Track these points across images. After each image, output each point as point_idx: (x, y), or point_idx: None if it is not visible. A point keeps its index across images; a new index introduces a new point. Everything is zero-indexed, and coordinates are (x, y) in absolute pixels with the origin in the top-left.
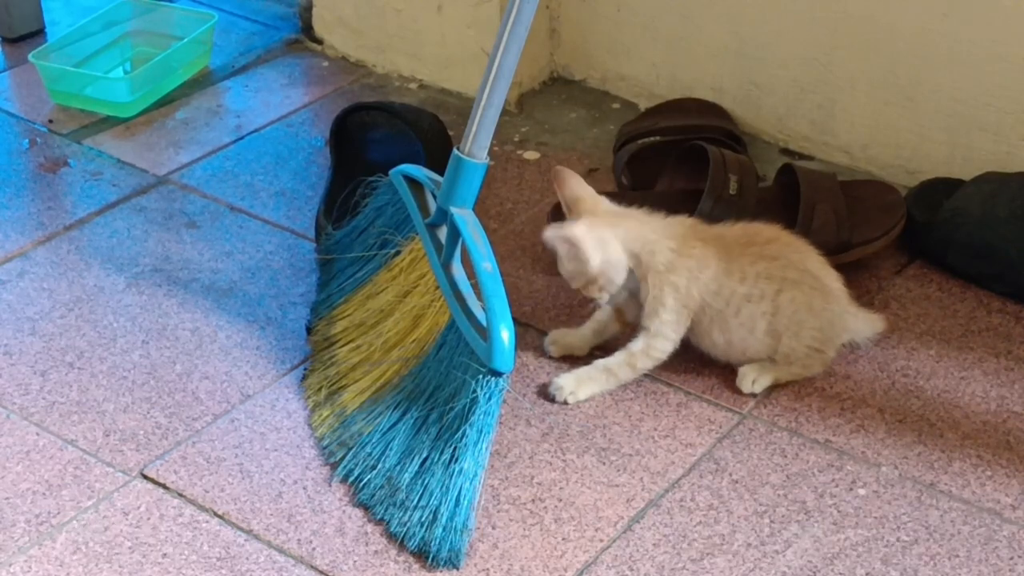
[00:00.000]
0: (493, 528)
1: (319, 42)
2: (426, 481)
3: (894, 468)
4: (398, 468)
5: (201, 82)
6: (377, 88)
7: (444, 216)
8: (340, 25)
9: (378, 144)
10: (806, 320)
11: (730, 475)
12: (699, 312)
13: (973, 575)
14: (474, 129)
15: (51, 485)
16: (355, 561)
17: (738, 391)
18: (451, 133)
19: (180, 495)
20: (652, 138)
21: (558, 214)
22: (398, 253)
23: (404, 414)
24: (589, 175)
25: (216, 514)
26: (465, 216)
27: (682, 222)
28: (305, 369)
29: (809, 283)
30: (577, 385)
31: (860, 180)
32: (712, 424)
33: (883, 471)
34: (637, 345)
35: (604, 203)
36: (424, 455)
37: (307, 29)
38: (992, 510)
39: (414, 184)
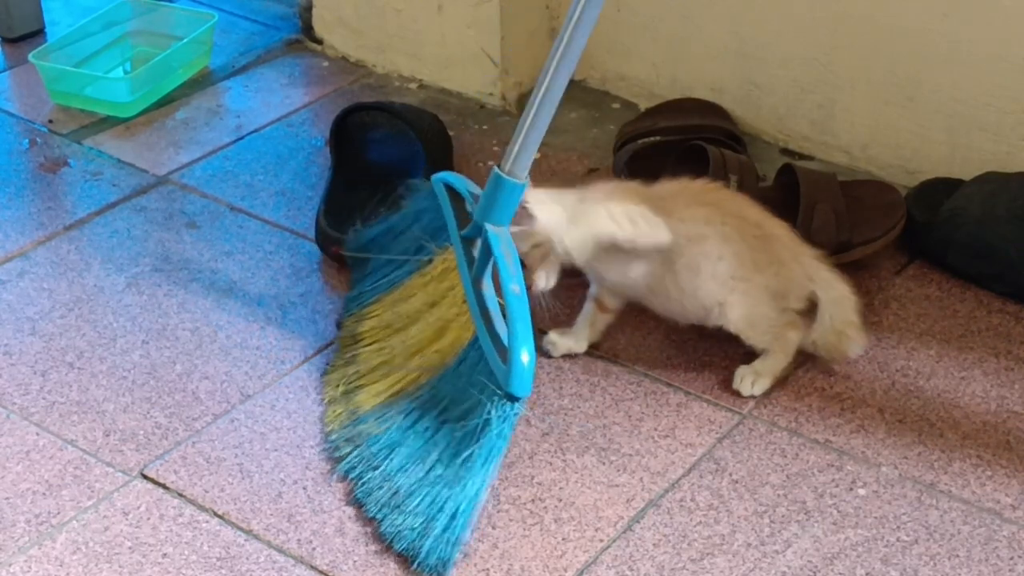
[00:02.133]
0: (493, 528)
1: (319, 42)
2: (426, 491)
3: (894, 468)
4: (400, 473)
5: (201, 82)
6: (377, 88)
7: (479, 231)
8: (340, 25)
9: (378, 144)
10: (753, 277)
11: (730, 475)
12: (650, 270)
13: (973, 575)
14: (516, 148)
15: (51, 485)
16: (355, 561)
17: (738, 391)
18: (451, 133)
19: (180, 495)
20: (652, 138)
21: None
22: (431, 261)
23: (416, 422)
24: (589, 175)
25: (216, 514)
26: (500, 234)
27: (608, 183)
28: (327, 364)
29: (752, 233)
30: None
31: (860, 180)
32: (712, 424)
33: (883, 471)
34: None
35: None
36: (429, 465)
37: (307, 29)
38: (992, 510)
39: (454, 193)
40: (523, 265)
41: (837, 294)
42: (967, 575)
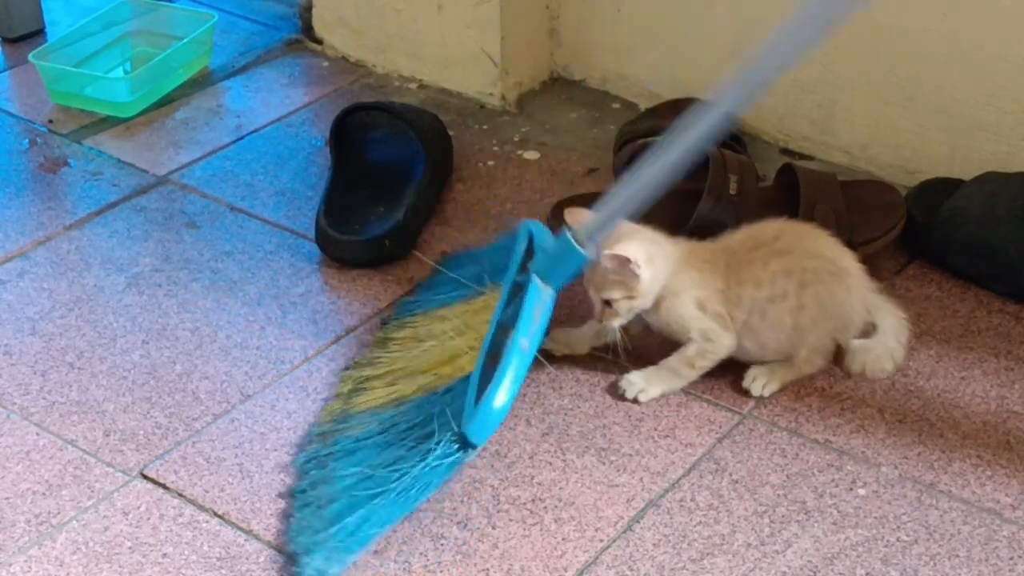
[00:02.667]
0: (493, 528)
1: (319, 42)
2: (346, 502)
3: (894, 468)
4: (339, 478)
5: (201, 82)
6: (377, 88)
7: (529, 280)
8: (340, 25)
9: (378, 144)
10: (831, 310)
11: (730, 475)
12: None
13: (973, 575)
14: (600, 219)
15: (51, 485)
16: (355, 561)
17: (738, 391)
18: (451, 133)
19: (180, 495)
20: (652, 138)
21: (558, 214)
22: (482, 294)
23: (381, 433)
24: (589, 175)
25: (216, 514)
26: (542, 291)
27: (682, 248)
28: (352, 359)
29: (827, 270)
30: (647, 383)
31: (860, 180)
32: (712, 424)
33: (883, 471)
34: (691, 349)
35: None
36: (364, 477)
37: (307, 29)
38: (992, 510)
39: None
40: (607, 307)
41: (895, 320)
42: (967, 575)
